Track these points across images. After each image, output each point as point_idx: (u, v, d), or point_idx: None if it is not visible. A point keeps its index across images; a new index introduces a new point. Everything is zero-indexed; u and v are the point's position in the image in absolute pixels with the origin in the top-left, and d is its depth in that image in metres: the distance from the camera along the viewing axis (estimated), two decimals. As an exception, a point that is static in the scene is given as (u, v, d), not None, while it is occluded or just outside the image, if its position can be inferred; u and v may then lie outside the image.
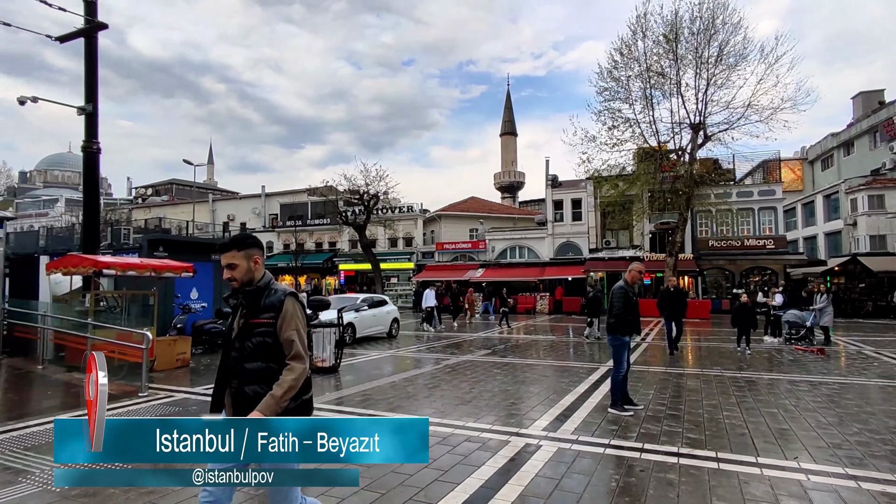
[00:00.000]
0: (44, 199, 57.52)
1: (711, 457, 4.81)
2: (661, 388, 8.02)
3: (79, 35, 9.95)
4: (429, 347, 13.55)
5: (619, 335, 6.51)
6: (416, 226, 37.86)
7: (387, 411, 6.54)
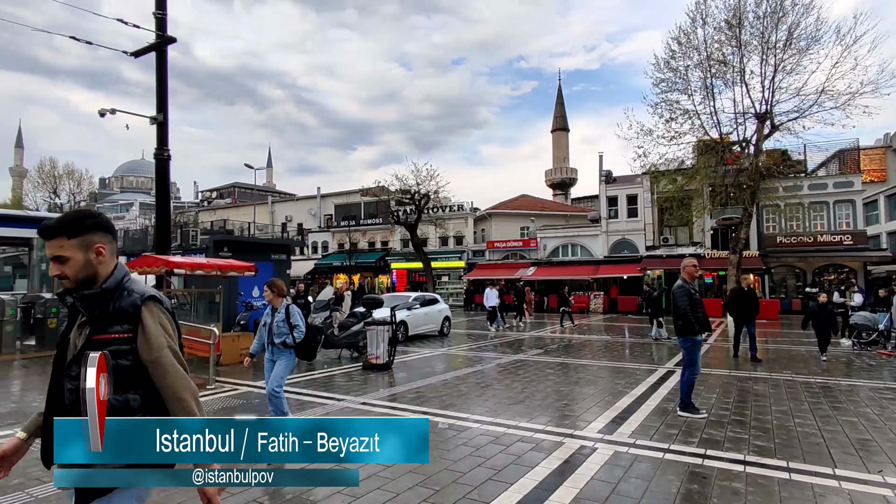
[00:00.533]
0: (121, 204, 61.94)
1: (782, 466, 4.54)
2: (724, 392, 7.64)
3: (151, 49, 10.65)
4: (480, 346, 13.54)
5: (691, 335, 6.28)
6: (467, 224, 37.90)
7: (439, 409, 6.60)
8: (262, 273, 11.88)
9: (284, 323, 5.42)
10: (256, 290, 13.20)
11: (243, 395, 7.65)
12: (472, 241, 37.70)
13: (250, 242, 15.77)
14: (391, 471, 4.40)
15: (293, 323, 5.42)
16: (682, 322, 6.29)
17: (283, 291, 5.62)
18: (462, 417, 6.18)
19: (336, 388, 8.02)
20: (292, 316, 5.44)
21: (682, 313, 6.24)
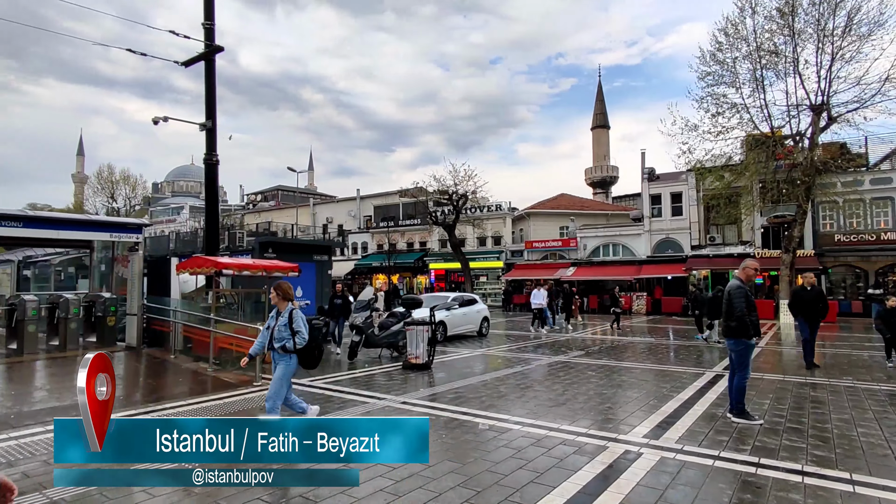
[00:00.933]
0: (172, 207, 64.83)
1: (844, 478, 4.29)
2: (778, 398, 7.29)
3: (200, 59, 11.11)
4: (520, 347, 13.43)
5: (745, 338, 6.04)
6: (505, 224, 37.68)
7: (480, 410, 6.58)
8: (304, 273, 12.19)
9: (286, 327, 5.23)
10: (300, 290, 13.54)
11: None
12: (510, 241, 37.47)
13: (293, 244, 16.20)
14: (431, 470, 4.42)
15: (295, 328, 5.19)
16: (736, 324, 6.03)
17: (288, 295, 5.41)
18: (503, 419, 6.14)
19: (377, 387, 8.13)
20: (295, 321, 5.22)
21: (739, 315, 5.98)
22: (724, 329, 6.27)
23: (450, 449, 5.05)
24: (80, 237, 12.02)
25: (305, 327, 5.22)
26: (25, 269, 20.69)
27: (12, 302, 11.08)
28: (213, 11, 11.17)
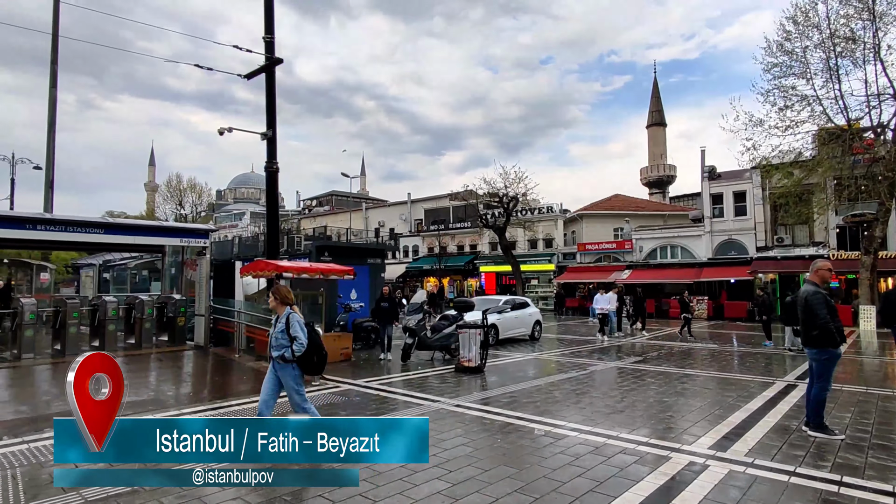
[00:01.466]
0: (234, 213, 68.11)
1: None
2: (862, 412, 6.76)
3: (261, 71, 11.63)
4: (574, 352, 13.16)
5: (831, 347, 5.58)
6: (557, 226, 37.08)
7: (534, 415, 6.49)
8: (359, 276, 12.46)
9: (284, 334, 4.83)
10: (354, 292, 13.88)
11: (345, 392, 8.04)
12: (562, 244, 36.83)
13: (348, 247, 16.62)
14: (488, 475, 4.40)
15: (293, 334, 4.78)
16: (819, 332, 5.57)
17: (287, 298, 5.00)
18: (558, 424, 6.03)
19: (430, 390, 8.19)
20: (292, 326, 4.81)
21: (822, 323, 5.53)
22: (805, 338, 5.83)
23: (505, 454, 5.01)
24: (153, 242, 12.86)
25: (304, 332, 4.82)
26: (105, 272, 22.33)
27: (95, 303, 11.99)
28: (272, 25, 11.68)
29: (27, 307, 10.63)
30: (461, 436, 5.61)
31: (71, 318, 10.98)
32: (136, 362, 10.54)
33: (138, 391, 8.03)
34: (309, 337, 4.84)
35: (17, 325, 10.53)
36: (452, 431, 5.78)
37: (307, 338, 4.81)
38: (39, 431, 5.69)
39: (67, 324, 10.93)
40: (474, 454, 4.97)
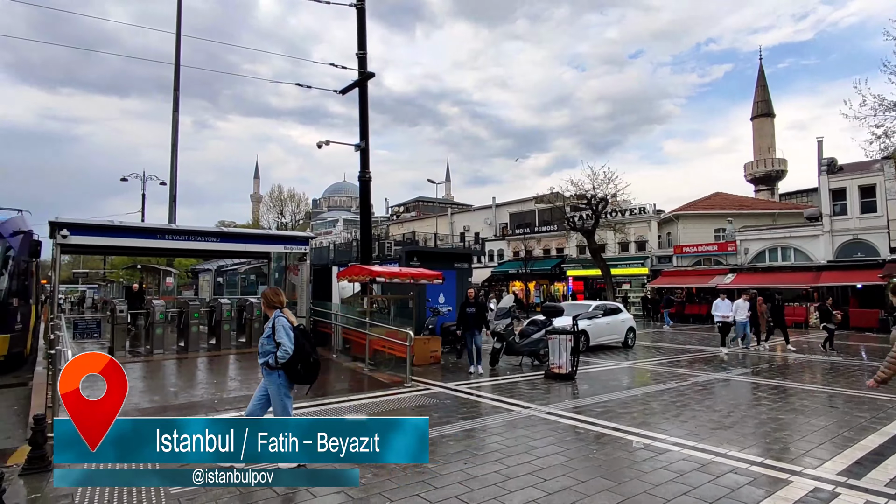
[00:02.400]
0: (328, 220, 72.11)
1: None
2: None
3: (355, 86, 12.28)
4: (672, 361, 12.41)
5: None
6: (650, 228, 35.21)
7: (632, 426, 6.21)
8: (447, 281, 12.67)
9: (269, 340, 4.58)
10: (442, 296, 14.12)
11: (436, 394, 8.21)
12: (656, 246, 34.90)
13: (436, 252, 16.96)
14: (584, 486, 4.28)
15: (277, 340, 4.52)
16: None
17: (274, 302, 4.74)
18: (658, 438, 5.72)
19: (520, 395, 8.12)
20: (277, 332, 4.55)
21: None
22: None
23: (601, 465, 4.84)
24: (260, 249, 13.95)
25: (289, 338, 4.53)
26: (219, 276, 24.63)
27: (212, 304, 13.26)
28: (364, 41, 12.28)
29: (157, 308, 12.00)
30: (554, 444, 5.51)
31: (192, 318, 12.24)
32: (247, 360, 11.47)
33: (251, 387, 8.75)
34: (297, 343, 4.54)
35: (149, 323, 11.91)
36: (545, 439, 5.69)
37: (293, 344, 4.52)
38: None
39: (189, 323, 12.19)
40: (569, 464, 4.85)
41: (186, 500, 3.82)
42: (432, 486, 4.28)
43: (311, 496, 4.06)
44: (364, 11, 12.43)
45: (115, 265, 43.57)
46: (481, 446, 5.47)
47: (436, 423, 6.41)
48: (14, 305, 11.21)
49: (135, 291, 15.25)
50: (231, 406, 7.21)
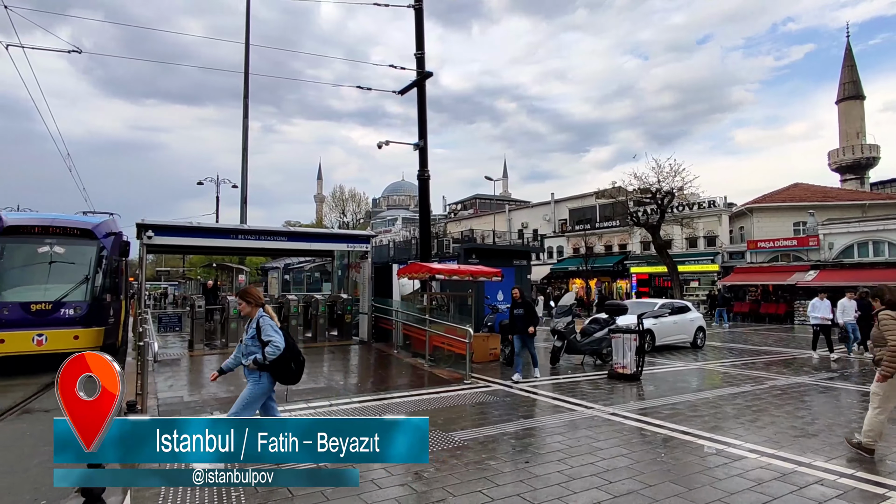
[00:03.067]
0: (387, 219, 73.60)
1: None
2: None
3: (413, 86, 12.45)
4: (746, 363, 11.70)
5: None
6: (721, 222, 33.31)
7: (703, 431, 5.92)
8: (505, 278, 12.59)
9: (254, 341, 4.42)
10: (500, 293, 14.07)
11: (496, 391, 8.19)
12: (727, 242, 32.99)
13: (494, 249, 16.91)
14: (653, 490, 4.13)
15: (265, 338, 4.36)
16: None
17: (259, 300, 4.59)
18: (732, 443, 5.42)
19: (582, 395, 7.94)
20: (263, 329, 4.39)
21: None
22: None
23: (670, 470, 4.65)
24: (325, 248, 14.51)
25: (279, 335, 4.41)
26: (286, 274, 25.78)
27: (280, 301, 13.90)
28: (423, 41, 12.41)
29: (231, 304, 12.73)
30: (619, 446, 5.36)
31: (263, 313, 12.90)
32: (314, 353, 11.93)
33: (316, 380, 9.10)
34: (287, 341, 4.45)
35: (224, 318, 12.66)
36: (609, 441, 5.54)
37: (284, 341, 4.39)
38: (245, 408, 6.78)
39: (260, 318, 12.86)
40: (635, 467, 4.70)
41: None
42: (494, 483, 4.28)
43: (375, 487, 4.18)
44: (422, 12, 12.56)
45: (193, 263, 46.70)
46: (543, 445, 5.41)
47: (496, 420, 6.40)
48: (107, 301, 12.27)
49: (209, 288, 16.27)
50: (299, 398, 7.53)
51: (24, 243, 11.41)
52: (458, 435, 5.69)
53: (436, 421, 6.33)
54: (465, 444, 5.36)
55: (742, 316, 27.05)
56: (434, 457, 4.95)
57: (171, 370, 9.44)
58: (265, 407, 4.67)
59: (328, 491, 4.06)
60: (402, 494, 4.07)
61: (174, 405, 7.04)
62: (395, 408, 7.02)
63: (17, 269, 11.30)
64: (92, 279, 11.70)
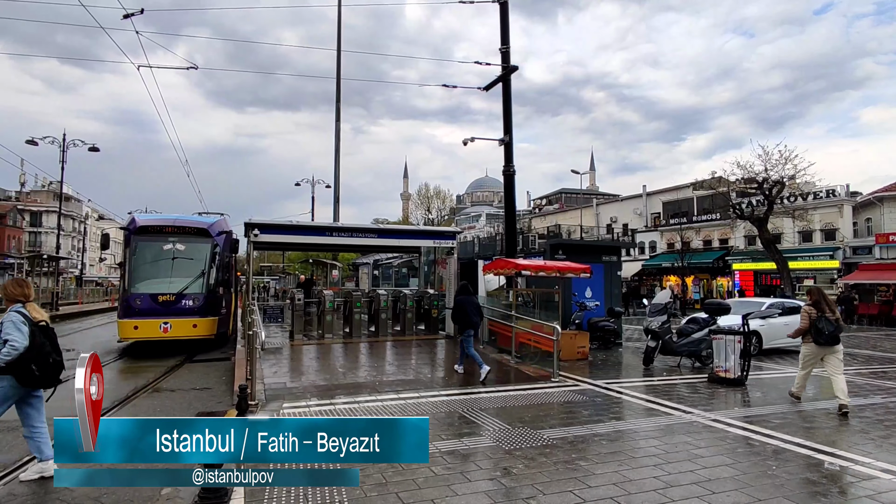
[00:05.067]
0: (472, 215, 74.08)
1: None
2: None
3: (498, 81, 12.40)
4: (874, 371, 10.41)
5: None
6: (842, 214, 29.82)
7: (821, 444, 5.35)
8: (594, 274, 12.19)
9: None
10: (589, 290, 13.64)
11: (585, 391, 7.97)
12: (849, 235, 29.48)
13: (582, 245, 16.43)
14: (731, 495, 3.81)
15: (3, 337, 3.97)
16: None
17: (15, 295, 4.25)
18: (859, 461, 4.85)
19: (679, 399, 7.50)
20: (4, 327, 4.01)
21: None
22: None
23: (783, 485, 4.26)
24: (412, 244, 14.91)
25: (21, 332, 4.00)
26: (375, 269, 26.82)
27: (371, 295, 14.50)
28: (507, 36, 12.31)
29: (327, 297, 13.49)
30: (722, 454, 5.00)
31: (355, 307, 13.53)
32: (402, 347, 12.34)
33: (405, 372, 9.41)
34: (33, 340, 4.05)
35: (321, 311, 13.45)
36: (710, 448, 5.19)
37: (27, 339, 4.01)
38: (335, 397, 7.18)
39: (353, 312, 13.49)
40: (741, 478, 4.37)
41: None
42: (586, 485, 4.18)
43: (465, 479, 4.24)
44: (507, 6, 12.45)
45: (291, 259, 50.02)
46: (636, 448, 5.19)
47: (586, 420, 6.24)
48: (220, 293, 13.53)
49: (302, 282, 17.36)
50: (390, 388, 7.83)
51: (152, 241, 12.90)
52: (547, 433, 5.62)
53: (523, 417, 6.30)
54: (554, 443, 5.28)
55: (869, 318, 24.05)
56: (523, 453, 4.93)
57: (274, 358, 10.20)
58: (24, 414, 4.24)
59: (419, 480, 4.20)
60: (491, 489, 4.10)
61: (278, 390, 7.61)
62: (482, 402, 7.06)
63: (147, 265, 12.80)
64: (207, 273, 12.96)
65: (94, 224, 68.58)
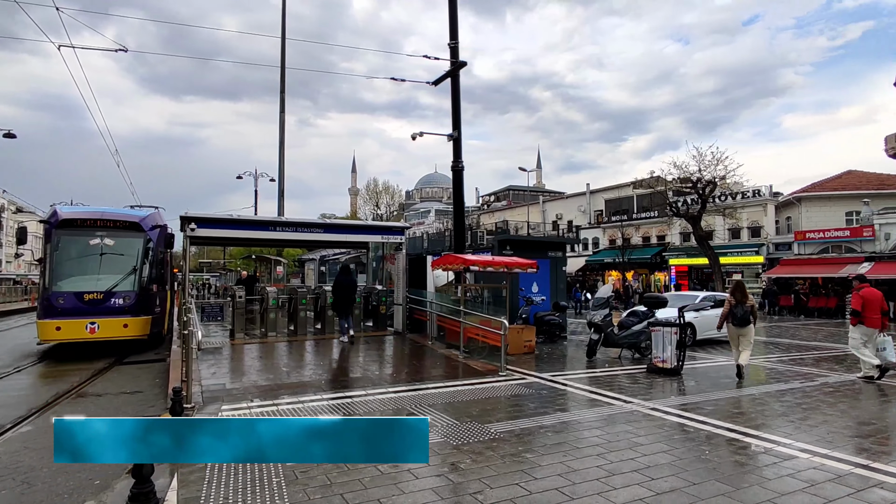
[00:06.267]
0: (421, 211, 73.86)
1: None
2: None
3: (447, 76, 12.37)
4: (794, 359, 11.22)
5: None
6: (766, 212, 32.00)
7: (749, 428, 5.70)
8: (540, 270, 12.43)
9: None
10: (535, 285, 13.92)
11: (531, 384, 8.11)
12: (773, 233, 31.69)
13: (528, 241, 16.72)
14: (697, 489, 3.99)
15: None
16: None
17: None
18: (782, 442, 5.19)
19: (620, 389, 7.78)
20: None
21: None
22: None
23: (715, 468, 4.49)
24: (360, 239, 14.67)
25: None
26: (322, 265, 26.23)
27: (317, 292, 14.14)
28: (456, 31, 12.29)
29: (271, 294, 13.04)
30: (660, 441, 5.21)
31: (300, 304, 13.14)
32: (349, 344, 12.12)
33: (353, 370, 9.24)
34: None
35: (264, 308, 12.98)
36: (649, 436, 5.39)
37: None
38: (278, 397, 6.94)
39: (298, 309, 13.11)
40: (677, 464, 4.56)
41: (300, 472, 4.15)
42: (532, 477, 4.23)
43: (412, 476, 4.19)
44: (455, 1, 12.43)
45: (233, 255, 48.11)
46: (580, 439, 5.31)
47: (532, 413, 6.33)
48: (154, 291, 12.77)
49: (244, 278, 16.70)
50: (337, 387, 7.65)
51: (77, 236, 11.97)
52: (494, 427, 5.66)
53: (471, 412, 6.32)
54: (502, 437, 5.32)
55: (788, 310, 25.95)
56: (470, 448, 4.93)
57: (213, 358, 9.74)
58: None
59: (366, 479, 4.11)
60: (439, 485, 4.07)
61: (217, 392, 7.26)
62: (430, 398, 7.03)
63: (71, 261, 11.88)
64: (140, 270, 12.19)
65: (11, 217, 63.18)
